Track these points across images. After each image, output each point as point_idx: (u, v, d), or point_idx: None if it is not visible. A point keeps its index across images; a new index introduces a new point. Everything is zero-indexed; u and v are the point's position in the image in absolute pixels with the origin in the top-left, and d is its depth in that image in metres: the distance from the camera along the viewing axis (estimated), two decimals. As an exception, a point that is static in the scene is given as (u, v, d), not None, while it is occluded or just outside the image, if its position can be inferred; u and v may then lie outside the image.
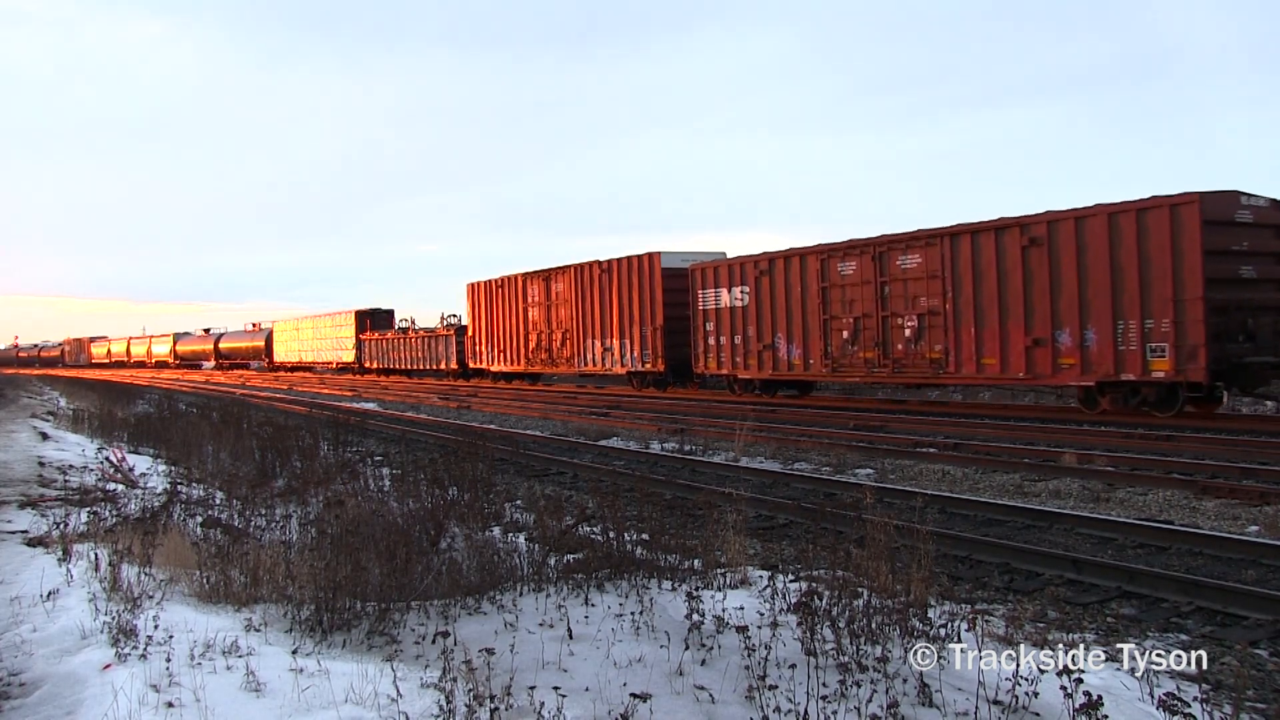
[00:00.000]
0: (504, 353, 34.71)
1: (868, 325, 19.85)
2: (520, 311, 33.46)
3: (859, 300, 20.05)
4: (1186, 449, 12.55)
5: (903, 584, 5.28)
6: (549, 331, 31.76)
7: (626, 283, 27.49)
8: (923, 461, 12.60)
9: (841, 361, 20.58)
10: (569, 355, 30.50)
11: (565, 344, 30.73)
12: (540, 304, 32.33)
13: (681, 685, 4.41)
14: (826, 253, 20.85)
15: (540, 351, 32.27)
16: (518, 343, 33.64)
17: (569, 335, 30.46)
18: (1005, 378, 17.39)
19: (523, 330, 33.27)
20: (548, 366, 32.16)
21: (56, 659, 4.94)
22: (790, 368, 21.95)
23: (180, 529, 7.63)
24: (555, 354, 31.38)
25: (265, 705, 4.23)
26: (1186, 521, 8.78)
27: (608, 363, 28.53)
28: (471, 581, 6.00)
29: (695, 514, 8.52)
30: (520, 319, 33.49)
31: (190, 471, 12.61)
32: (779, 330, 22.08)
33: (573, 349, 30.29)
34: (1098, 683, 4.22)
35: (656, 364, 26.32)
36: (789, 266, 21.85)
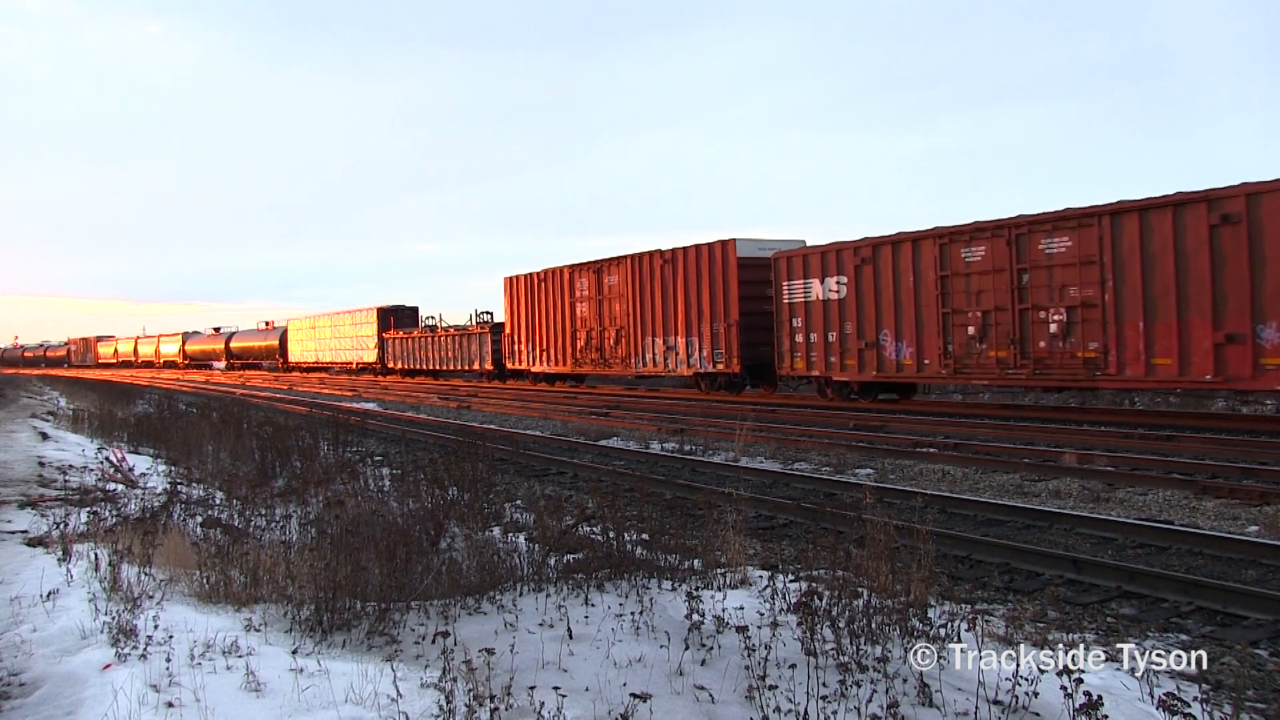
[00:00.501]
0: (546, 352, 31.79)
1: (1000, 320, 17.12)
2: (566, 307, 30.42)
3: (989, 291, 17.33)
4: (1186, 449, 12.56)
5: (903, 584, 5.28)
6: (601, 329, 28.84)
7: (694, 274, 24.79)
8: (923, 461, 12.60)
9: (966, 362, 17.91)
10: (624, 355, 27.67)
11: (620, 343, 27.88)
12: (590, 299, 29.37)
13: (681, 685, 4.41)
14: (947, 236, 18.16)
15: (590, 351, 29.41)
16: (563, 341, 30.72)
17: (624, 333, 27.67)
18: (1185, 380, 14.84)
19: (569, 328, 30.35)
20: (599, 367, 29.22)
21: (56, 659, 4.94)
22: (899, 368, 19.29)
23: (180, 529, 7.63)
24: (608, 354, 28.53)
25: (265, 705, 4.23)
26: (1186, 521, 8.78)
27: (671, 363, 25.82)
28: (471, 581, 6.00)
29: (695, 514, 8.52)
30: (566, 315, 30.45)
31: (190, 471, 12.61)
32: (884, 326, 19.53)
33: (629, 348, 27.52)
34: (1098, 683, 4.22)
35: (731, 364, 23.61)
36: (898, 254, 19.19)
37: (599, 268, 28.96)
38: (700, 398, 25.83)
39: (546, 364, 31.95)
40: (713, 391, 25.10)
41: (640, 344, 27.15)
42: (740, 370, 23.62)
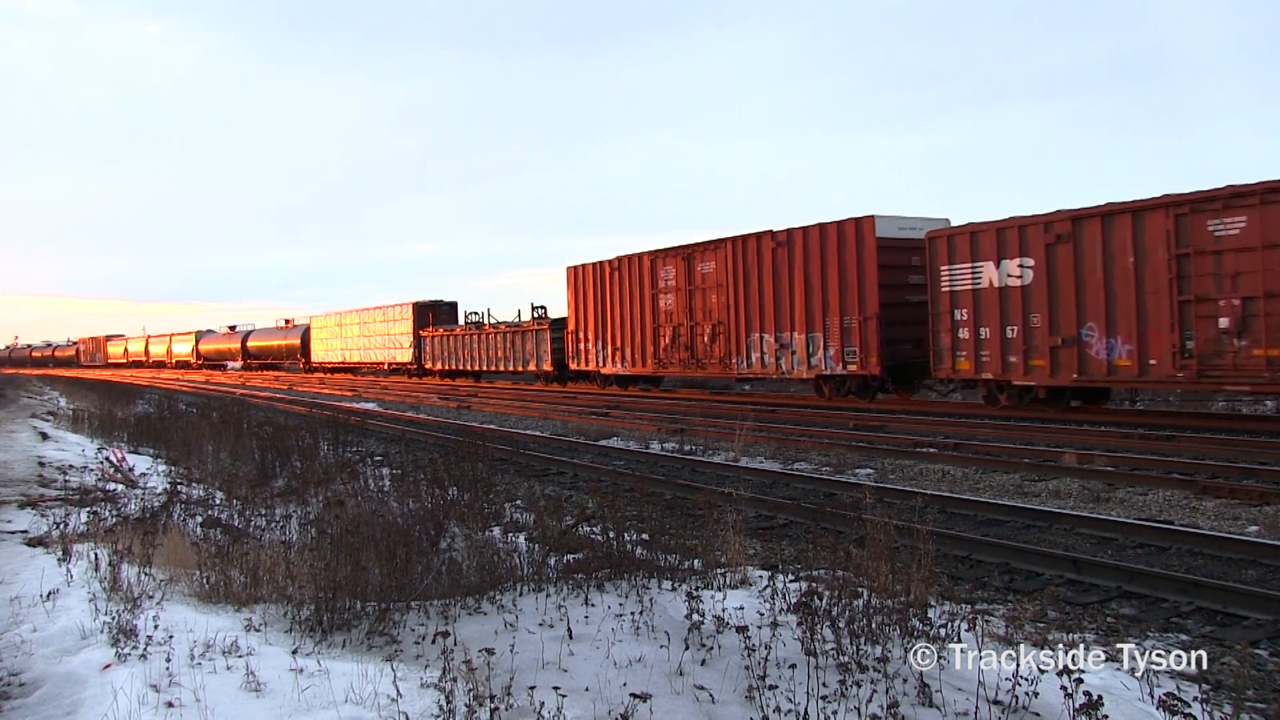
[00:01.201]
0: (620, 351, 27.91)
1: (1273, 309, 13.62)
2: (647, 300, 26.61)
3: (1254, 273, 13.76)
4: (1186, 449, 12.56)
5: (903, 584, 5.28)
6: (691, 325, 24.98)
7: (816, 258, 21.04)
8: (923, 461, 12.60)
9: (1215, 362, 14.31)
10: (722, 354, 23.89)
11: (717, 340, 24.09)
12: (677, 289, 25.52)
13: (681, 685, 4.41)
14: (1187, 206, 14.59)
15: (677, 350, 25.57)
16: (642, 339, 26.83)
17: (722, 329, 23.87)
18: None
19: (650, 324, 26.48)
20: (689, 369, 25.48)
21: (56, 659, 4.94)
22: (1111, 370, 15.70)
23: (180, 529, 7.63)
24: (701, 353, 24.69)
25: (265, 705, 4.23)
26: (1186, 521, 8.78)
27: (785, 363, 22.09)
28: (471, 581, 6.01)
29: (695, 514, 8.52)
30: (647, 309, 26.61)
31: (190, 471, 12.61)
32: (1090, 318, 15.92)
33: (728, 346, 23.72)
34: (1098, 683, 4.22)
35: (868, 365, 20.05)
36: (1109, 229, 15.64)
37: (689, 254, 25.14)
38: (702, 398, 25.43)
39: (620, 364, 28.02)
40: (840, 396, 21.41)
41: (743, 342, 23.32)
42: (880, 372, 20.05)
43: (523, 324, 34.67)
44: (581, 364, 30.11)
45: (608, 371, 28.88)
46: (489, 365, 36.55)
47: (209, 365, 71.93)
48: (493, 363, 36.21)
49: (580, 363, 30.16)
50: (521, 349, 34.24)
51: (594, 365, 29.40)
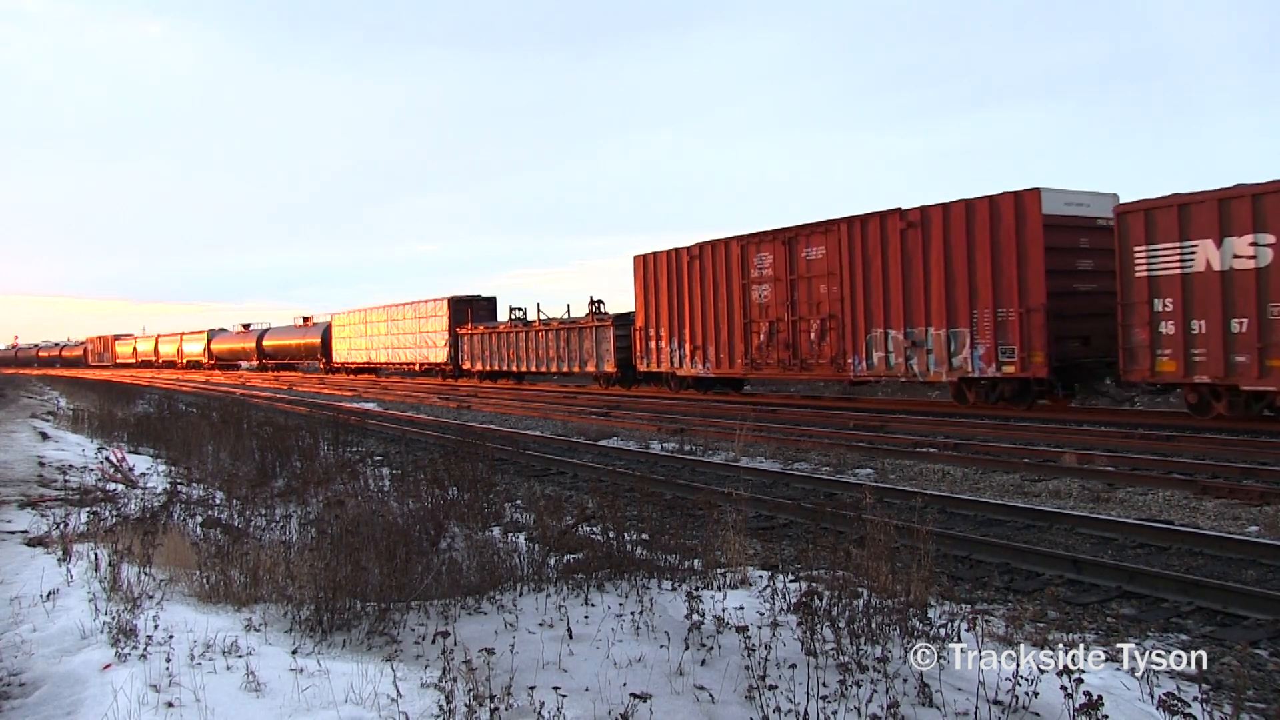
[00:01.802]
0: (701, 350, 24.67)
1: None
2: (735, 292, 23.39)
3: None
4: (1186, 449, 12.56)
5: (903, 584, 5.28)
6: (793, 319, 21.75)
7: (961, 240, 17.97)
8: (923, 461, 12.60)
9: None
10: (834, 354, 20.74)
11: (826, 337, 20.94)
12: (775, 279, 22.24)
13: (681, 685, 4.41)
14: None
15: (775, 349, 22.30)
16: (729, 336, 23.63)
17: (834, 324, 20.77)
18: None
19: (740, 318, 23.23)
20: (790, 370, 22.18)
21: (56, 659, 4.94)
22: None
23: (180, 529, 7.63)
24: (807, 352, 21.46)
25: (265, 705, 4.23)
26: (1186, 521, 8.78)
27: (918, 364, 18.94)
28: (471, 581, 6.01)
29: (695, 514, 8.52)
30: (736, 302, 23.38)
31: (190, 471, 12.61)
32: None
33: (840, 344, 20.59)
34: (1098, 683, 4.22)
35: (1029, 365, 17.00)
36: None
37: (790, 237, 21.89)
38: (699, 398, 24.87)
39: (701, 365, 24.74)
40: (989, 404, 18.21)
41: (860, 339, 20.18)
42: (1047, 373, 16.96)
43: (579, 320, 30.90)
44: (652, 364, 26.74)
45: (685, 373, 25.52)
46: (537, 365, 33.07)
47: (222, 365, 68.71)
48: (543, 363, 32.68)
49: (650, 363, 26.78)
50: (578, 348, 30.57)
51: (667, 366, 26.06)
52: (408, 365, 44.68)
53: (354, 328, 50.75)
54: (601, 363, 29.66)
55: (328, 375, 51.76)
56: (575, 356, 30.90)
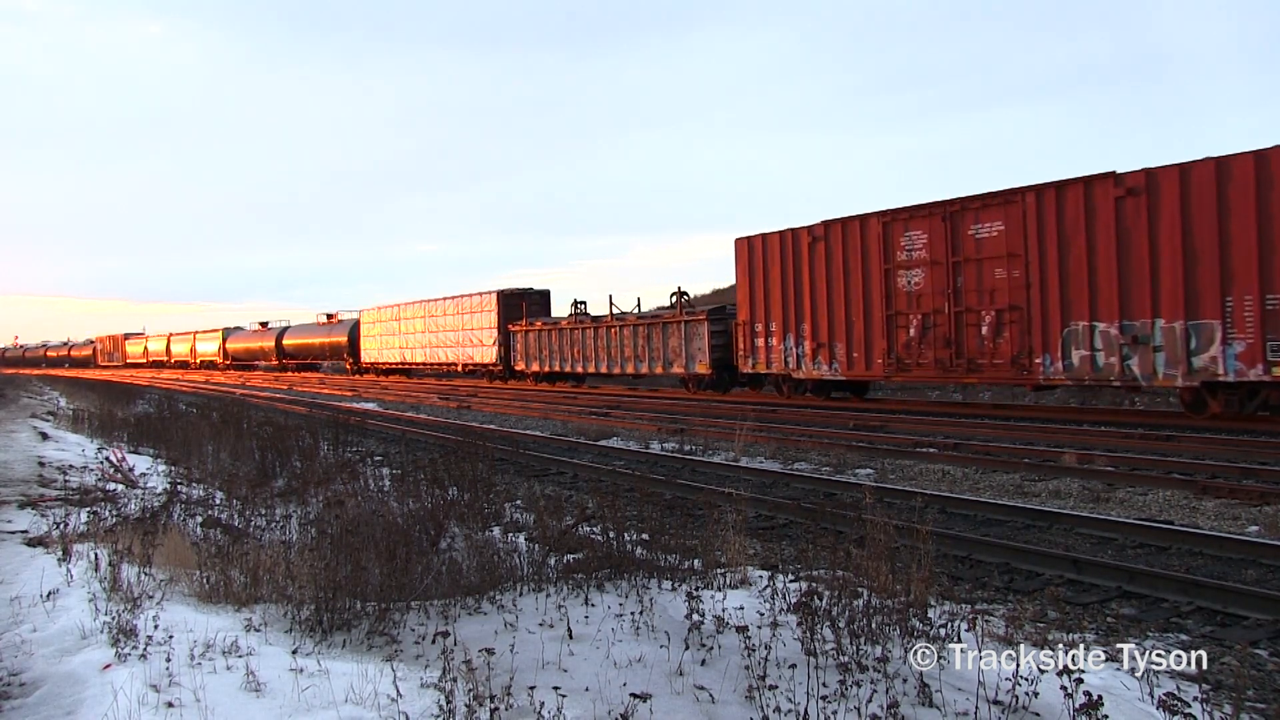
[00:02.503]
0: (826, 348, 20.84)
1: None
2: (874, 278, 19.66)
3: None
4: (1186, 449, 12.56)
5: (903, 584, 5.28)
6: (956, 310, 18.06)
7: (1209, 209, 14.41)
8: (923, 461, 12.60)
9: None
10: (1016, 352, 17.02)
11: (1004, 332, 17.29)
12: (931, 263, 18.52)
13: (681, 685, 4.41)
14: None
15: (931, 346, 18.61)
16: (865, 331, 19.93)
17: (1015, 316, 17.04)
18: None
19: (880, 309, 19.58)
20: (952, 372, 18.37)
21: (56, 659, 4.94)
22: None
23: (180, 529, 7.64)
24: (975, 349, 17.80)
25: (265, 705, 4.23)
26: (1186, 521, 8.78)
27: (1140, 364, 15.29)
28: (471, 581, 6.01)
29: (695, 514, 8.52)
30: (876, 290, 19.66)
31: (190, 471, 12.61)
32: None
33: (1023, 340, 16.86)
34: (1098, 683, 4.22)
35: None
36: None
37: (953, 212, 18.12)
38: (696, 397, 24.56)
39: (826, 366, 21.00)
40: (1243, 417, 14.68)
41: (1053, 334, 16.55)
42: None
43: (663, 315, 27.06)
44: (759, 364, 22.90)
45: (805, 375, 21.73)
46: (608, 366, 29.46)
47: (238, 366, 64.87)
48: (615, 363, 29.05)
49: (757, 363, 22.95)
50: (661, 346, 26.83)
51: (780, 366, 22.25)
52: (448, 366, 40.93)
53: (385, 325, 46.78)
54: (691, 363, 25.74)
55: (355, 377, 48.38)
56: (658, 356, 27.07)
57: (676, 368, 26.46)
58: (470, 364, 39.04)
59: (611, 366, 29.33)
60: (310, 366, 57.79)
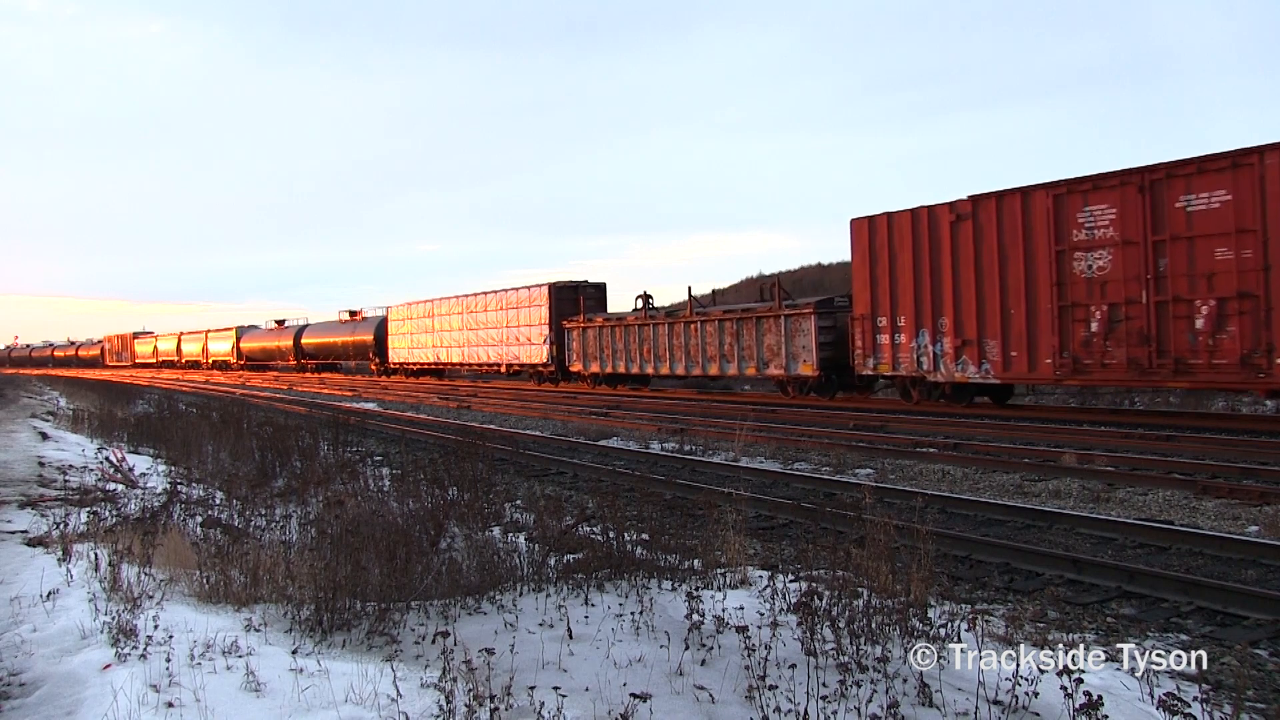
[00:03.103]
0: (975, 345, 17.78)
1: None
2: (1041, 260, 16.65)
3: None
4: (1186, 449, 12.56)
5: (903, 584, 5.28)
6: (1157, 300, 15.02)
7: None
8: (923, 461, 12.60)
9: None
10: (1245, 350, 13.96)
11: (1226, 325, 14.24)
12: (1122, 242, 15.49)
13: (681, 685, 4.41)
14: None
15: (1121, 342, 15.49)
16: (1027, 324, 16.89)
17: (1245, 306, 14.01)
18: None
19: (1049, 299, 16.51)
20: (1152, 374, 15.24)
21: (56, 659, 4.94)
22: None
23: (180, 529, 7.63)
24: (1184, 347, 14.70)
25: (265, 705, 4.23)
26: (1186, 521, 8.79)
27: None
28: (471, 581, 6.01)
29: (695, 514, 8.52)
30: (1042, 275, 16.64)
31: (190, 471, 12.61)
32: None
33: (1258, 336, 13.87)
34: (1098, 683, 4.22)
35: None
36: None
37: (1153, 180, 15.09)
38: (702, 398, 24.48)
39: (975, 366, 17.81)
40: None
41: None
42: None
43: (757, 309, 23.76)
44: (883, 364, 19.84)
45: (944, 378, 18.51)
46: (687, 367, 26.13)
47: (252, 366, 62.17)
48: (696, 364, 25.69)
49: (879, 363, 19.93)
50: (754, 344, 23.48)
51: (911, 366, 19.17)
52: (489, 366, 37.76)
53: (417, 322, 43.46)
54: (793, 363, 22.40)
55: (382, 378, 45.73)
56: (749, 356, 23.73)
57: (773, 369, 23.07)
58: (516, 365, 35.68)
59: (690, 368, 26.03)
60: (330, 367, 54.93)
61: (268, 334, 60.61)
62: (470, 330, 38.88)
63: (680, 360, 26.38)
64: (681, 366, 26.37)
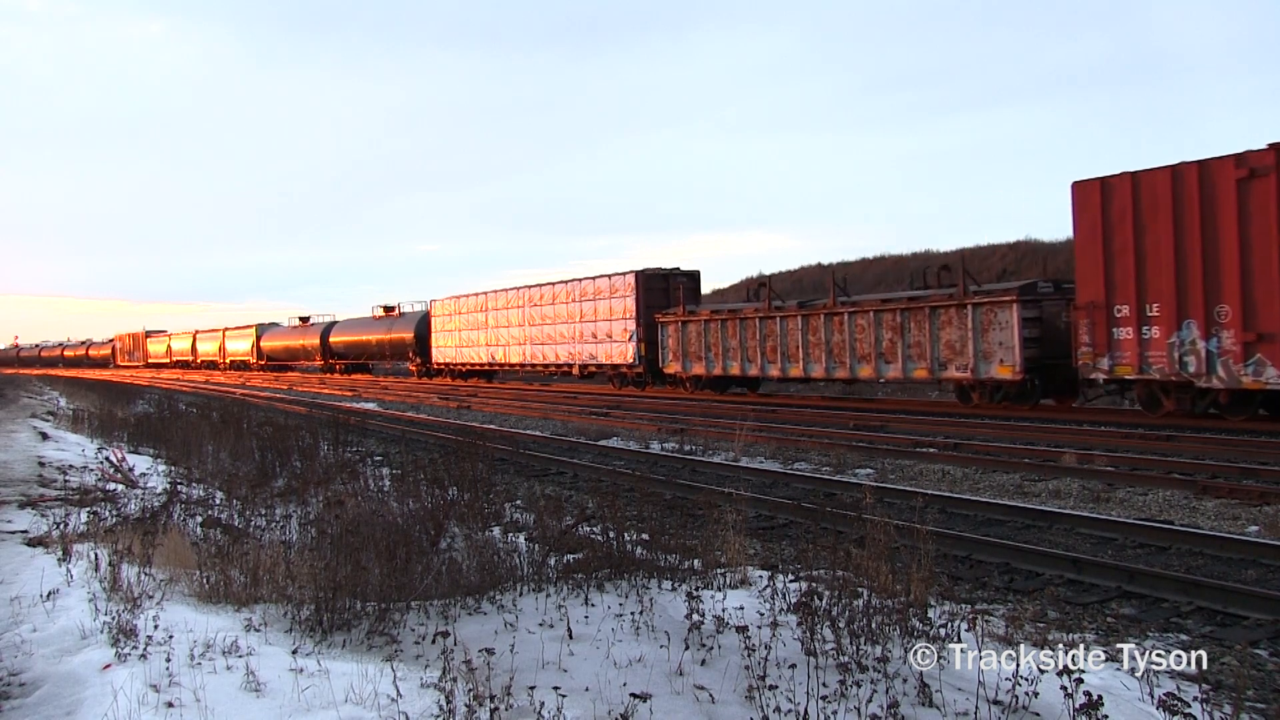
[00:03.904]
0: (1275, 342, 13.95)
1: None
2: None
3: None
4: (1186, 449, 12.56)
5: (903, 584, 5.28)
6: None
7: None
8: (923, 461, 12.60)
9: None
10: None
11: None
12: None
13: (681, 685, 4.41)
14: None
15: None
16: None
17: None
18: None
19: None
20: None
21: (56, 659, 4.94)
22: None
23: (180, 529, 7.63)
24: None
25: (265, 705, 4.23)
26: (1186, 521, 8.79)
27: None
28: (471, 581, 6.01)
29: (695, 514, 8.52)
30: None
31: (190, 471, 12.61)
32: None
33: None
34: (1098, 683, 4.22)
35: None
36: None
37: None
38: (703, 398, 24.48)
39: (1275, 367, 13.91)
40: None
41: None
42: None
43: (930, 296, 19.78)
44: (1124, 366, 15.87)
45: (1223, 384, 14.52)
46: (828, 369, 21.72)
47: (274, 367, 58.77)
48: (841, 364, 21.36)
49: (1118, 363, 15.95)
50: (927, 340, 19.50)
51: (1166, 368, 15.21)
52: (557, 368, 33.14)
53: (467, 318, 39.21)
54: (984, 364, 18.44)
55: (425, 380, 42.15)
56: (919, 354, 19.71)
57: (954, 371, 19.11)
58: (593, 365, 30.88)
59: (832, 369, 21.68)
60: (361, 368, 51.06)
61: (291, 332, 57.10)
62: (534, 326, 34.26)
63: (818, 360, 21.90)
64: (820, 367, 21.94)
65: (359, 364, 50.95)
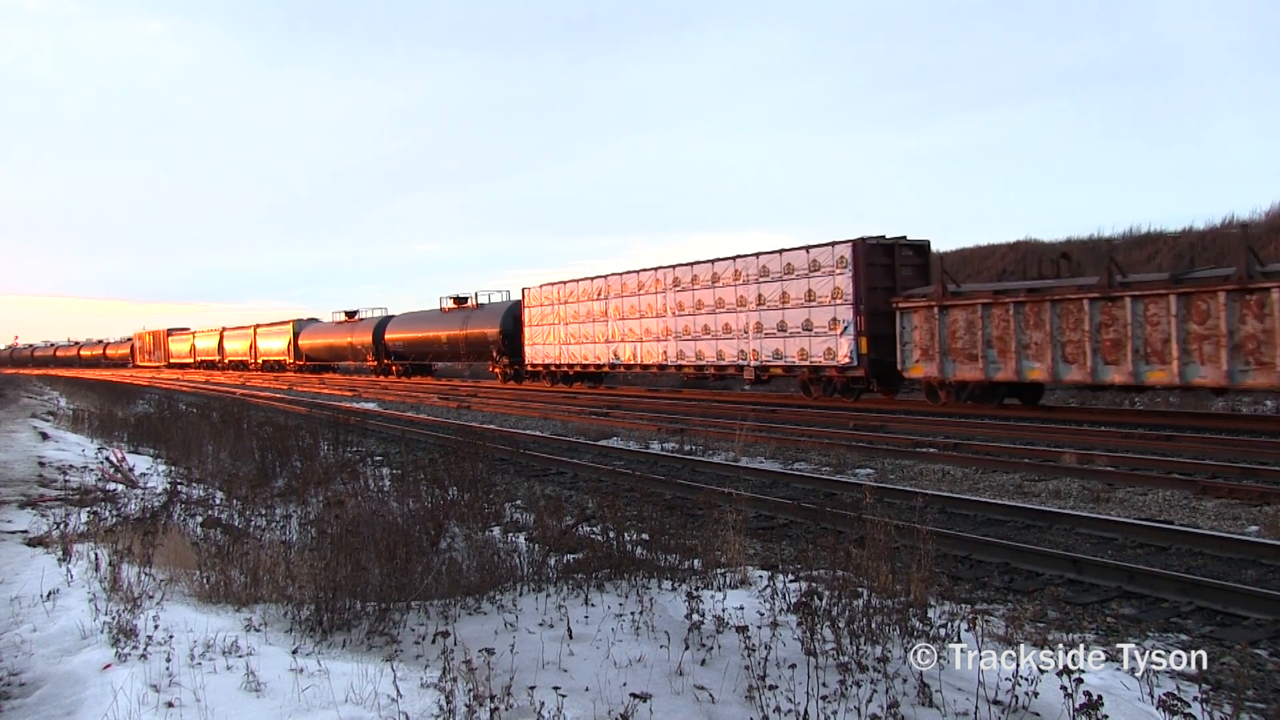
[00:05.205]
0: None
1: None
2: None
3: None
4: (1186, 449, 12.56)
5: (903, 584, 5.29)
6: None
7: None
8: (923, 461, 12.60)
9: None
10: None
11: None
12: None
13: (681, 685, 4.41)
14: None
15: None
16: None
17: None
18: None
19: None
20: None
21: (56, 659, 4.94)
22: None
23: (180, 529, 7.64)
24: None
25: (265, 705, 4.23)
26: (1186, 521, 8.79)
27: None
28: (471, 581, 6.01)
29: (695, 514, 8.52)
30: None
31: (190, 471, 12.61)
32: None
33: None
34: (1098, 683, 4.22)
35: None
36: None
37: None
38: (704, 397, 24.38)
39: None
40: None
41: None
42: None
43: None
44: None
45: None
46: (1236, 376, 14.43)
47: (314, 368, 52.29)
48: (1217, 363, 14.53)
49: None
50: None
51: None
52: (720, 369, 25.37)
53: (574, 307, 31.51)
54: None
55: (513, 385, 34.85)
56: None
57: None
58: (779, 366, 23.25)
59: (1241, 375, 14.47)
60: (423, 369, 43.73)
61: (335, 329, 50.14)
62: (681, 316, 26.42)
63: (1214, 361, 14.65)
64: (1217, 371, 14.64)
65: (421, 364, 43.51)
